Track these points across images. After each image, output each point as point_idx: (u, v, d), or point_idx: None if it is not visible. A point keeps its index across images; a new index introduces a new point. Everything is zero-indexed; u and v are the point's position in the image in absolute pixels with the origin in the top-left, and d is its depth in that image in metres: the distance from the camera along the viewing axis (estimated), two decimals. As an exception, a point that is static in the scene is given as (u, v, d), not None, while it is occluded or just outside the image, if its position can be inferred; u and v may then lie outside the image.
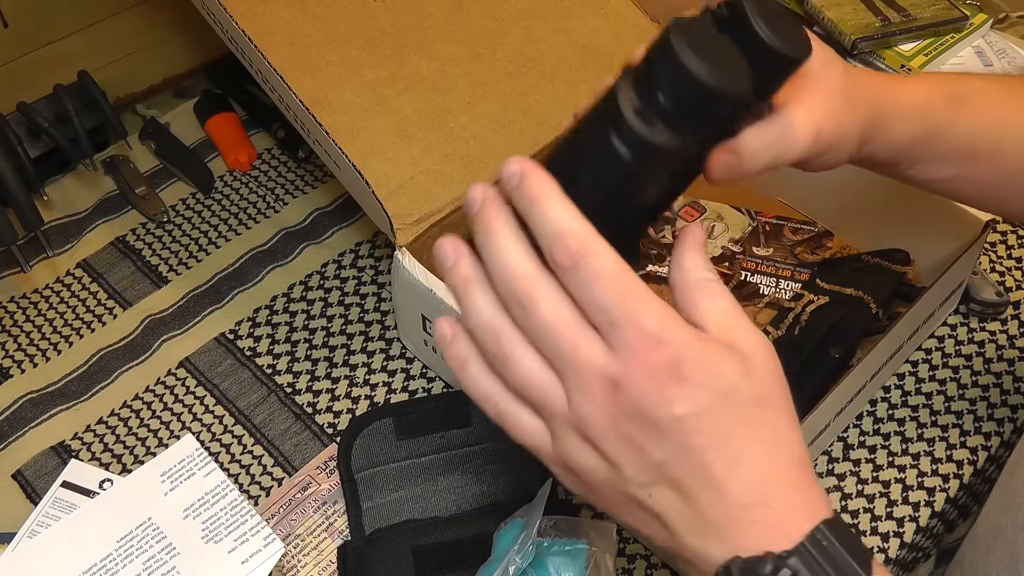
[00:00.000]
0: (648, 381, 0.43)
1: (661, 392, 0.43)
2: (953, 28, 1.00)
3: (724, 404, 0.43)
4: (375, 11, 0.83)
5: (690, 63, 0.42)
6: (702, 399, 0.43)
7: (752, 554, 0.43)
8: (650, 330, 0.43)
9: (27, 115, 0.89)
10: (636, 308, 0.43)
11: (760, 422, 0.44)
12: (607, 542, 0.66)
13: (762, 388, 0.44)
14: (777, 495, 0.44)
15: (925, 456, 0.78)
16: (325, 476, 0.77)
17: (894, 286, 0.81)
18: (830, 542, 0.43)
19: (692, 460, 0.43)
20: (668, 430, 0.43)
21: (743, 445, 0.44)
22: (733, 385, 0.43)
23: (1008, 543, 0.58)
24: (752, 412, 0.44)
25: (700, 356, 0.43)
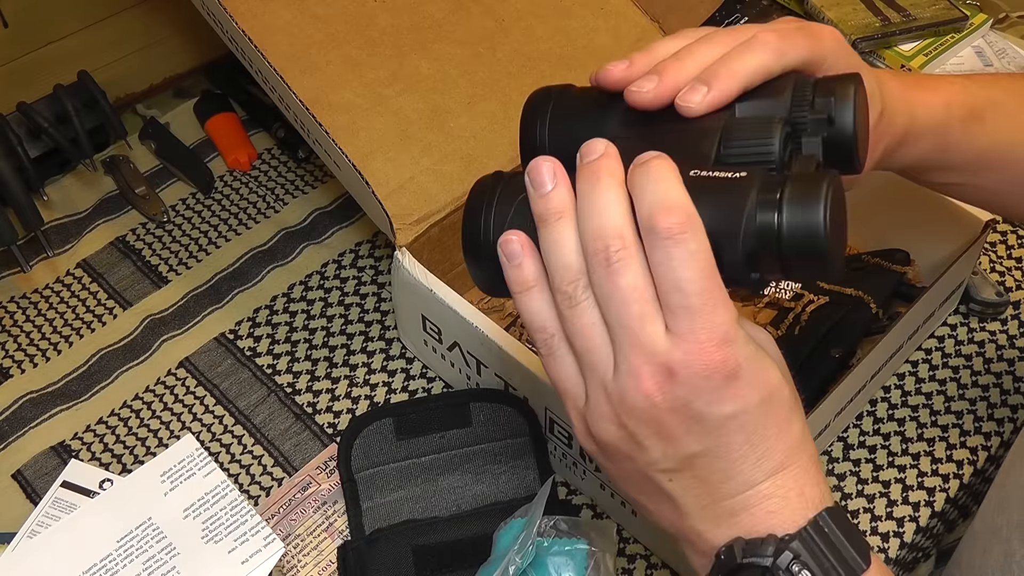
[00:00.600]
0: (706, 378, 0.43)
1: (715, 391, 0.43)
2: (953, 28, 1.00)
3: (765, 405, 0.45)
4: (375, 11, 0.83)
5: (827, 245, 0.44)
6: (749, 399, 0.44)
7: (755, 536, 0.45)
8: (723, 328, 0.43)
9: (27, 115, 0.89)
10: (716, 302, 0.43)
11: (790, 421, 0.46)
12: (607, 542, 0.66)
13: (790, 392, 0.46)
14: (793, 487, 0.45)
15: (925, 456, 0.78)
16: (325, 476, 0.77)
17: (894, 286, 0.81)
18: (831, 528, 0.44)
19: (724, 455, 0.45)
20: (711, 427, 0.44)
21: (774, 445, 0.45)
22: (776, 387, 0.45)
23: (1003, 542, 0.59)
24: (785, 413, 0.46)
25: (754, 359, 0.44)
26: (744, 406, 0.44)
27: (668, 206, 0.42)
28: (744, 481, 0.45)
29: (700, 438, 0.44)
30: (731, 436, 0.44)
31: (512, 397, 0.74)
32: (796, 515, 0.45)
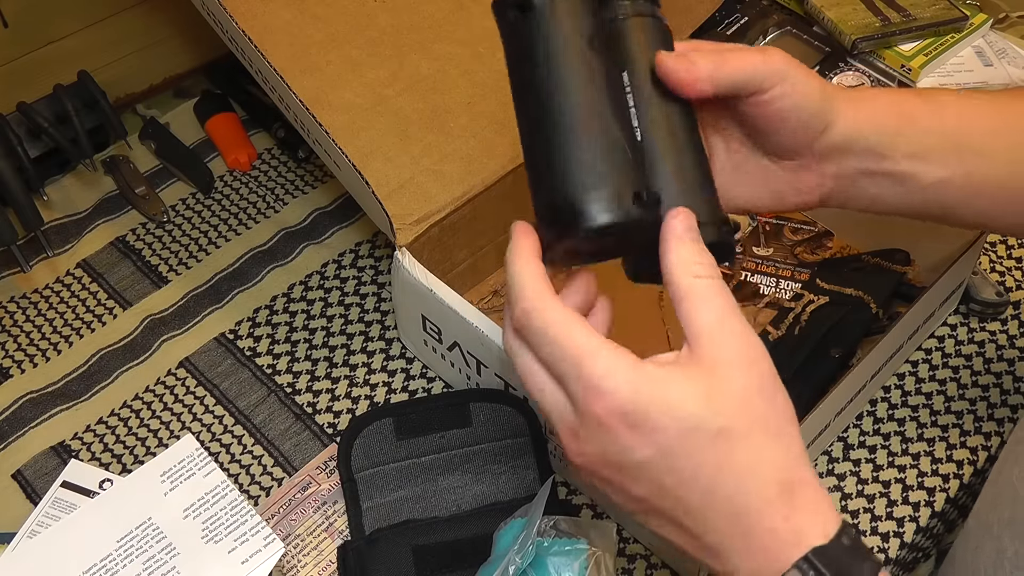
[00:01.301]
0: (601, 432, 0.44)
1: (617, 440, 0.44)
2: (953, 28, 1.00)
3: (686, 444, 0.43)
4: (375, 11, 0.83)
5: None
6: (661, 441, 0.43)
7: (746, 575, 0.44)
8: (591, 381, 0.44)
9: (27, 115, 0.89)
10: (580, 359, 0.44)
11: (729, 455, 0.44)
12: (607, 542, 0.66)
13: (731, 419, 0.44)
14: (757, 523, 0.44)
15: (925, 456, 0.78)
16: (325, 476, 0.77)
17: (894, 286, 0.81)
18: (817, 572, 0.43)
19: (668, 495, 0.45)
20: (637, 473, 0.45)
21: (713, 480, 0.44)
22: (694, 424, 0.43)
23: (995, 539, 0.59)
24: (718, 447, 0.44)
25: (648, 400, 0.43)
26: (656, 449, 0.44)
27: (515, 299, 0.47)
28: (705, 519, 0.45)
29: (637, 484, 0.45)
30: (661, 478, 0.44)
31: (512, 397, 0.74)
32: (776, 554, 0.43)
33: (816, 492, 0.45)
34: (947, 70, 1.00)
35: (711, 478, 0.44)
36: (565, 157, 0.48)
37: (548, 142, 0.48)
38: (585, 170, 0.47)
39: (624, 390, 0.43)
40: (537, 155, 0.49)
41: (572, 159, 0.48)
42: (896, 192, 0.58)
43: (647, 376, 0.44)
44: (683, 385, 0.44)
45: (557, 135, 0.48)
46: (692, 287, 0.46)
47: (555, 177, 0.48)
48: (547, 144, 0.48)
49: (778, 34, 0.98)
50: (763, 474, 0.44)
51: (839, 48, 0.98)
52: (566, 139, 0.48)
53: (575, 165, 0.47)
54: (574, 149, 0.48)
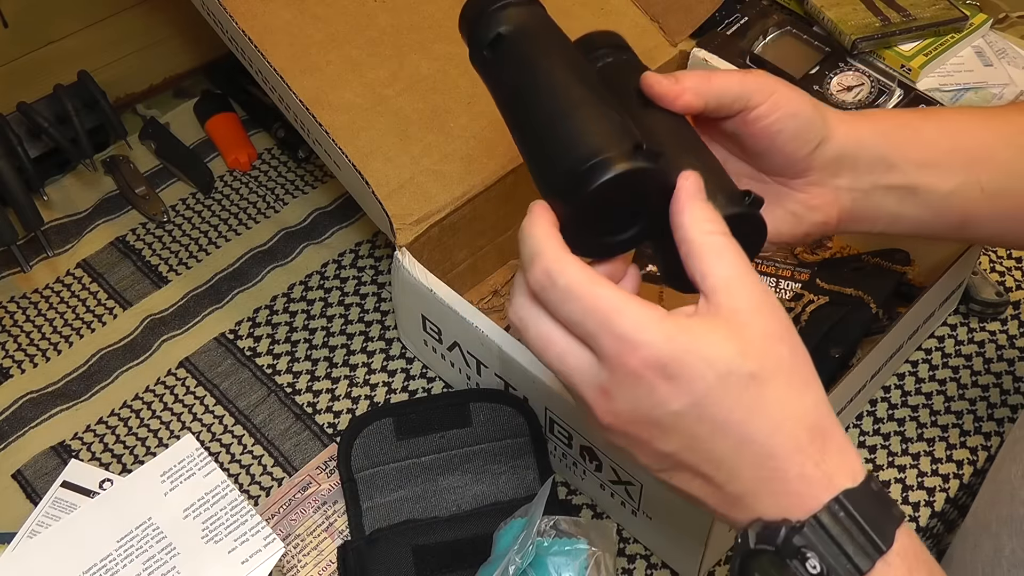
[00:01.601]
0: (636, 386, 0.44)
1: (652, 394, 0.44)
2: (953, 28, 1.00)
3: (720, 390, 0.44)
4: (375, 11, 0.83)
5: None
6: (697, 390, 0.44)
7: (772, 518, 0.44)
8: (625, 334, 0.44)
9: (27, 115, 0.89)
10: (608, 315, 0.44)
11: (760, 399, 0.44)
12: (607, 542, 0.66)
13: (759, 363, 0.44)
14: (789, 468, 0.44)
15: (925, 456, 0.78)
16: (325, 476, 0.77)
17: (894, 286, 0.81)
18: (847, 512, 0.43)
19: (699, 447, 0.45)
20: (670, 426, 0.44)
21: (746, 426, 0.44)
22: (726, 369, 0.44)
23: (992, 537, 0.59)
24: (751, 391, 0.44)
25: (684, 349, 0.43)
26: (692, 399, 0.44)
27: (531, 261, 0.46)
28: (731, 469, 0.45)
29: (668, 437, 0.45)
30: (693, 430, 0.44)
31: (512, 397, 0.74)
32: (806, 497, 0.44)
33: (843, 439, 0.46)
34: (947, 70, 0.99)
35: (743, 424, 0.44)
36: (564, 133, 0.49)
37: (545, 128, 0.49)
38: (584, 138, 0.48)
39: (658, 341, 0.43)
40: (536, 144, 0.50)
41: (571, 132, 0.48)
42: (913, 206, 0.59)
43: (678, 326, 0.44)
44: (712, 333, 0.44)
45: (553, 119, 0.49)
46: (705, 242, 0.46)
47: (556, 155, 0.49)
48: (544, 130, 0.49)
49: (778, 34, 0.98)
50: (794, 418, 0.45)
51: (839, 48, 0.98)
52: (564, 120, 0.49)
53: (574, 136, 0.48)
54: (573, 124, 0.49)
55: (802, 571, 0.43)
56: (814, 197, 0.58)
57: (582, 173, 0.47)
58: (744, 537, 0.45)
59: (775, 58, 0.96)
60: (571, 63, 0.52)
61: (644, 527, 0.72)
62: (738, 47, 0.94)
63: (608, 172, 0.47)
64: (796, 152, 0.56)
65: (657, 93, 0.53)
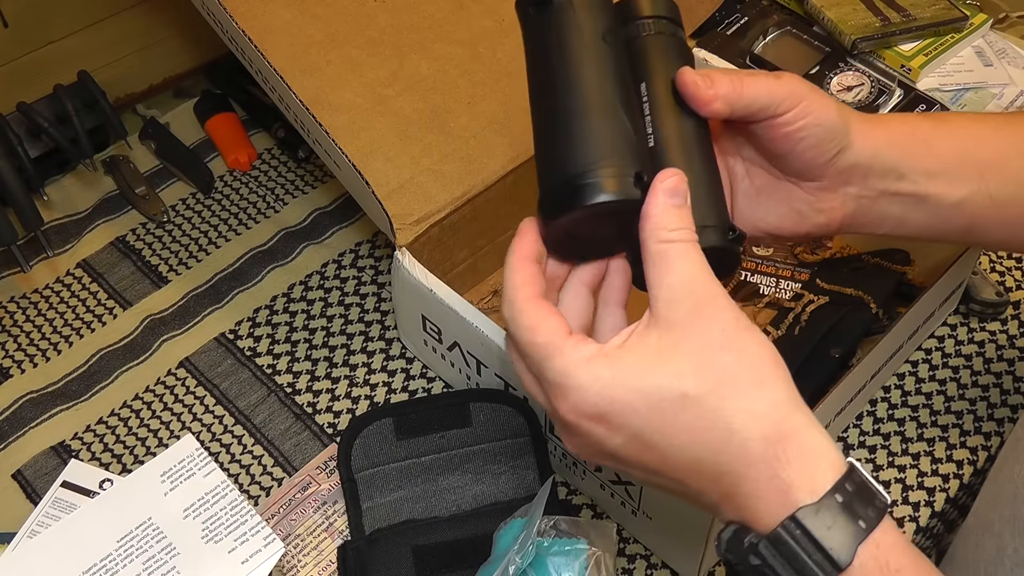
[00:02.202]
0: (576, 428, 0.46)
1: (591, 434, 0.46)
2: (953, 28, 1.00)
3: (656, 418, 0.44)
4: (375, 11, 0.83)
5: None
6: (632, 425, 0.45)
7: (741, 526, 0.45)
8: (554, 381, 0.46)
9: (27, 115, 0.89)
10: (540, 360, 0.46)
11: (701, 417, 0.44)
12: (607, 542, 0.66)
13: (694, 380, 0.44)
14: (742, 486, 0.44)
15: (925, 456, 0.78)
16: (325, 476, 0.77)
17: (894, 286, 0.81)
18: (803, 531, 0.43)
19: (658, 470, 0.46)
20: (623, 457, 0.46)
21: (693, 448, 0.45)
22: (657, 396, 0.44)
23: (995, 536, 0.59)
24: (688, 412, 0.44)
25: (611, 388, 0.44)
26: (628, 433, 0.45)
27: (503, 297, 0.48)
28: (696, 484, 0.46)
29: (625, 464, 0.47)
30: (644, 457, 0.46)
31: (512, 397, 0.74)
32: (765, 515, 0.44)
33: (805, 441, 0.44)
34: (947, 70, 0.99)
35: (689, 446, 0.44)
36: (571, 139, 0.48)
37: (556, 127, 0.49)
38: (589, 150, 0.48)
39: (585, 385, 0.45)
40: (545, 140, 0.50)
41: (578, 141, 0.48)
42: (920, 213, 0.59)
43: (605, 363, 0.45)
44: (640, 358, 0.44)
45: (565, 119, 0.49)
46: (659, 251, 0.46)
47: (558, 159, 0.49)
48: (555, 129, 0.49)
49: (778, 34, 0.98)
50: (744, 430, 0.44)
51: (839, 48, 0.98)
52: (574, 123, 0.49)
53: (580, 146, 0.48)
54: (580, 131, 0.48)
55: None
56: (822, 201, 0.58)
57: (575, 189, 0.47)
58: (719, 540, 0.46)
59: (775, 58, 0.96)
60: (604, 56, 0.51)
61: (644, 527, 0.72)
62: (738, 47, 0.94)
63: (597, 196, 0.47)
64: (815, 159, 0.56)
65: (689, 95, 0.53)
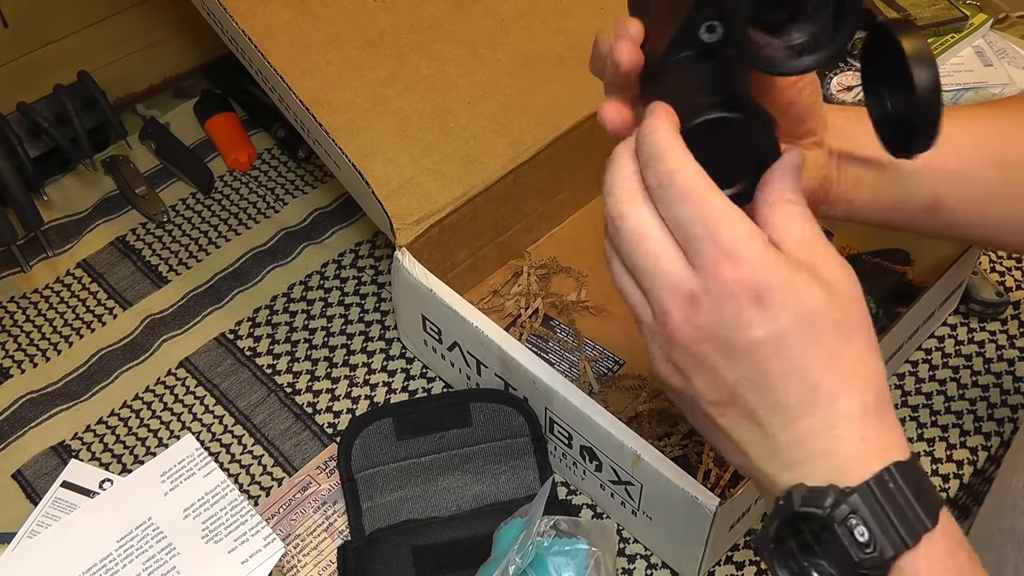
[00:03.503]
0: (725, 301, 0.43)
1: (739, 314, 0.43)
2: (953, 28, 1.00)
3: (804, 329, 0.43)
4: (375, 11, 0.83)
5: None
6: (782, 322, 0.43)
7: (816, 483, 0.43)
8: (731, 247, 0.43)
9: (27, 115, 0.89)
10: (718, 224, 0.43)
11: (839, 351, 0.43)
12: (607, 542, 0.66)
13: (844, 315, 0.44)
14: (850, 428, 0.43)
15: (925, 456, 0.78)
16: (325, 476, 0.77)
17: (894, 286, 0.81)
18: (897, 485, 0.42)
19: (765, 386, 0.43)
20: (743, 353, 0.43)
21: (819, 374, 0.43)
22: (815, 309, 0.43)
23: (995, 549, 0.59)
24: (832, 340, 0.43)
25: (782, 277, 0.43)
26: (775, 328, 0.43)
27: (654, 156, 0.45)
28: (790, 417, 0.44)
29: (736, 366, 0.44)
30: (767, 363, 0.43)
31: (512, 397, 0.74)
32: (857, 463, 0.43)
33: (895, 417, 0.45)
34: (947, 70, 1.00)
35: (817, 370, 0.43)
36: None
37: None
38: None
39: (761, 262, 0.43)
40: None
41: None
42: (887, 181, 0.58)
43: (778, 255, 0.44)
44: (807, 275, 0.44)
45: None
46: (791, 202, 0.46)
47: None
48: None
49: (778, 34, 0.99)
50: (866, 379, 0.44)
51: (839, 48, 0.98)
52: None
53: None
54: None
55: (848, 539, 0.42)
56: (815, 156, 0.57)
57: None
58: (787, 499, 0.43)
59: (775, 58, 0.96)
60: None
61: (644, 527, 0.72)
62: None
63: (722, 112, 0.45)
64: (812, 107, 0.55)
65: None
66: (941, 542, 0.43)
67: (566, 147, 0.82)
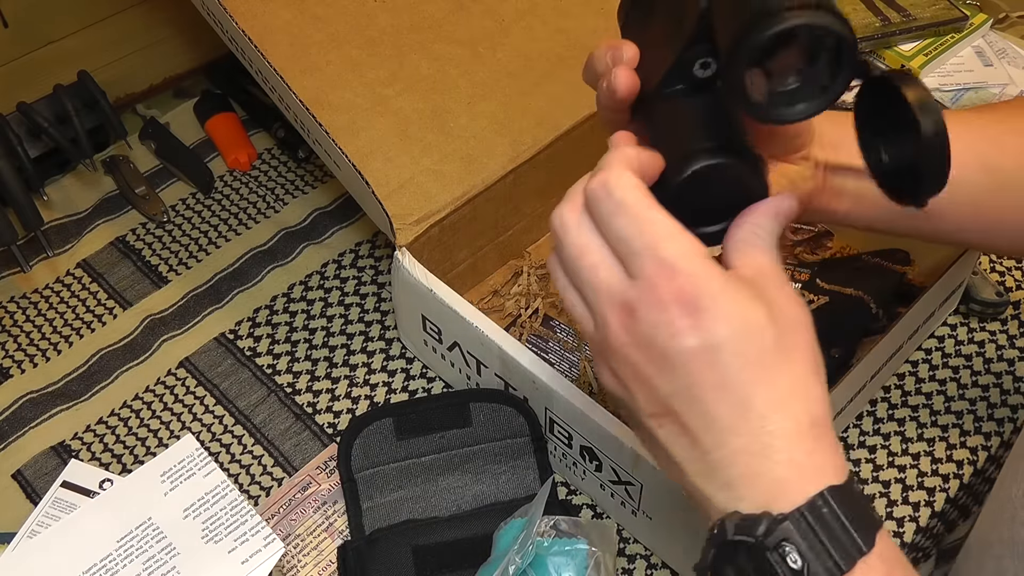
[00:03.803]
0: (661, 311, 0.43)
1: (672, 323, 0.43)
2: (953, 28, 1.00)
3: (740, 343, 0.43)
4: (375, 11, 0.83)
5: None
6: (717, 333, 0.43)
7: (751, 511, 0.43)
8: (667, 259, 0.43)
9: (27, 115, 0.89)
10: (656, 238, 0.43)
11: (777, 370, 0.43)
12: (607, 542, 0.66)
13: (786, 337, 0.44)
14: (782, 450, 0.43)
15: (925, 456, 0.78)
16: (325, 476, 0.77)
17: (894, 286, 0.81)
18: (831, 509, 0.42)
19: (698, 398, 0.43)
20: (677, 363, 0.43)
21: (752, 388, 0.43)
22: (754, 325, 0.43)
23: (995, 559, 0.59)
24: (770, 358, 0.43)
25: (720, 289, 0.43)
26: (709, 339, 0.43)
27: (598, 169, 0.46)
28: (722, 432, 0.43)
29: (670, 376, 0.44)
30: (699, 374, 0.43)
31: (512, 397, 0.74)
32: (791, 488, 0.42)
33: (835, 440, 0.45)
34: (947, 70, 1.00)
35: (750, 385, 0.43)
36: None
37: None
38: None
39: (698, 273, 0.43)
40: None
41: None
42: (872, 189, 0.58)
43: (719, 270, 0.44)
44: (749, 292, 0.44)
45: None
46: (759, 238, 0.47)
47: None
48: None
49: (778, 34, 0.98)
50: (802, 401, 0.44)
51: (839, 48, 0.98)
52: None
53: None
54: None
55: (782, 566, 0.41)
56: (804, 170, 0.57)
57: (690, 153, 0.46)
58: (721, 527, 0.43)
59: (775, 58, 0.96)
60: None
61: (644, 527, 0.72)
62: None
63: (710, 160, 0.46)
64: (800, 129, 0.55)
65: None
66: (877, 566, 0.42)
67: (566, 147, 0.82)
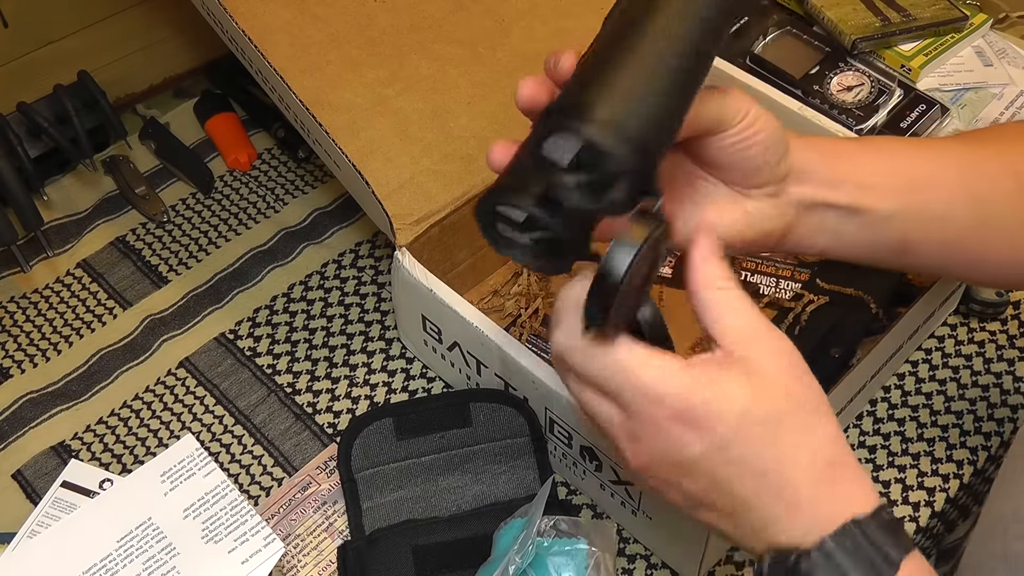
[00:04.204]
0: (664, 435, 0.47)
1: (679, 439, 0.47)
2: (953, 28, 1.00)
3: (739, 431, 0.47)
4: (375, 11, 0.83)
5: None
6: (718, 434, 0.47)
7: (784, 546, 0.47)
8: (648, 389, 0.47)
9: (27, 115, 0.89)
10: (628, 373, 0.47)
11: (777, 435, 0.47)
12: (607, 542, 0.66)
13: (773, 404, 0.47)
14: (804, 497, 0.47)
15: (925, 456, 0.78)
16: (325, 476, 0.77)
17: (894, 286, 0.81)
18: (853, 541, 0.46)
19: (722, 488, 0.48)
20: (694, 468, 0.48)
21: (764, 460, 0.47)
22: (744, 410, 0.47)
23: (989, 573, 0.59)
24: (768, 430, 0.47)
25: (703, 398, 0.47)
26: (715, 440, 0.47)
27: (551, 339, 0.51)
28: (751, 506, 0.48)
29: (693, 479, 0.48)
30: (716, 472, 0.47)
31: (512, 397, 0.74)
32: (817, 524, 0.47)
33: (857, 469, 0.49)
34: (947, 70, 1.00)
35: (761, 459, 0.47)
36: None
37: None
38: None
39: (679, 392, 0.47)
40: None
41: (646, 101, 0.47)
42: (853, 226, 0.59)
43: (697, 375, 0.47)
44: (729, 378, 0.47)
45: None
46: (717, 298, 0.49)
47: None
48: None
49: (778, 34, 0.99)
50: (810, 449, 0.48)
51: (839, 48, 0.98)
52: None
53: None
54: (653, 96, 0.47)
55: None
56: (767, 207, 0.58)
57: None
58: (759, 562, 0.48)
59: (775, 58, 0.96)
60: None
61: (644, 527, 0.72)
62: (738, 47, 0.94)
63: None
64: (761, 168, 0.56)
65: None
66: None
67: (566, 147, 0.82)
